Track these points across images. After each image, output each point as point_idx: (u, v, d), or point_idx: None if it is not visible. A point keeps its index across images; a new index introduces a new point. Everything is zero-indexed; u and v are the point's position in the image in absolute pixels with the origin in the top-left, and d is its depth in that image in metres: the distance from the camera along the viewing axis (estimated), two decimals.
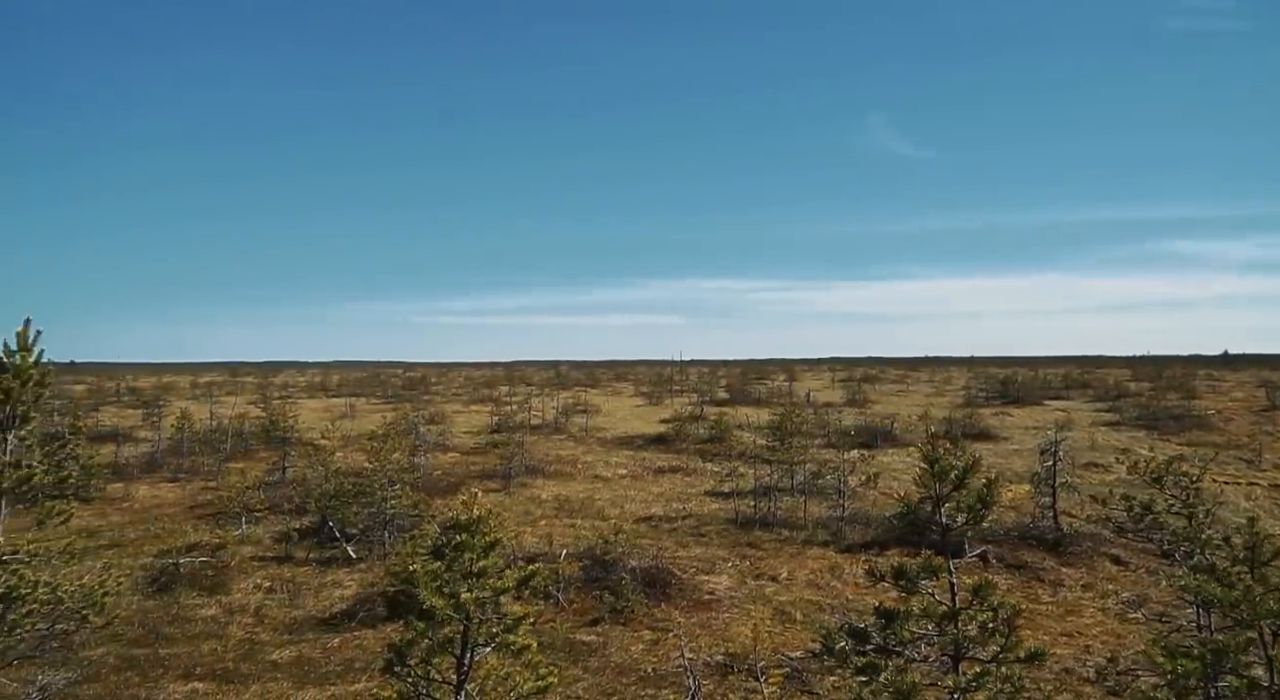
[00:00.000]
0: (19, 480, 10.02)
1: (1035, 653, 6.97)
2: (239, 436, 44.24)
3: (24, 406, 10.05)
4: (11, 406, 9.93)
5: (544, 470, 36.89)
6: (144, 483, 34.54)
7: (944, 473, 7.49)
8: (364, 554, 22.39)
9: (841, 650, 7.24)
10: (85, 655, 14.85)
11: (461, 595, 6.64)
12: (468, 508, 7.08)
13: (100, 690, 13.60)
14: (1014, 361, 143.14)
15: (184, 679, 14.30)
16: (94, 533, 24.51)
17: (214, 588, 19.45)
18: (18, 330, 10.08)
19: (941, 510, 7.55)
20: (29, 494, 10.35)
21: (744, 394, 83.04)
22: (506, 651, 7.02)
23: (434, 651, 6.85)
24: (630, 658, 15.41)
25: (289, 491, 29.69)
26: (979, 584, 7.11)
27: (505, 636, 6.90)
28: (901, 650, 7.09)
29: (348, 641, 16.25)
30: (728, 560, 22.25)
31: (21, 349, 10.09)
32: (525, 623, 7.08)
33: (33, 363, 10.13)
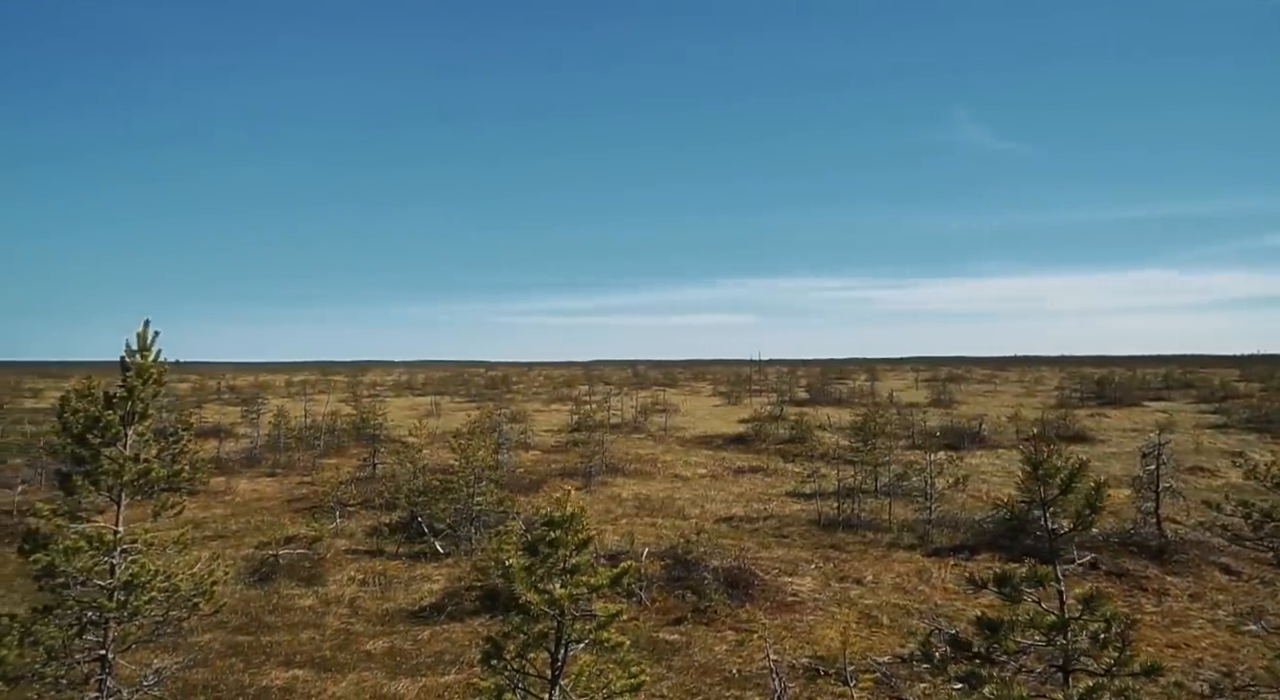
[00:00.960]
0: (138, 474, 10.58)
1: (1152, 666, 6.61)
2: (331, 433, 45.90)
3: (143, 404, 10.62)
4: (132, 403, 10.49)
5: (624, 469, 37.08)
6: (244, 477, 36.14)
7: (1049, 475, 7.18)
8: (451, 549, 22.90)
9: (940, 658, 7.02)
10: (194, 641, 15.60)
11: (556, 591, 6.70)
12: (561, 505, 7.15)
13: (208, 675, 14.27)
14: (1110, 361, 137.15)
15: (285, 666, 14.88)
16: (200, 524, 25.73)
17: (311, 579, 20.19)
18: (138, 331, 10.65)
19: (1047, 515, 7.24)
20: (146, 487, 10.92)
21: (824, 394, 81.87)
22: (600, 648, 7.05)
23: (529, 646, 6.94)
24: (714, 658, 15.33)
25: (379, 487, 30.63)
26: (1090, 593, 6.79)
27: (598, 633, 6.93)
28: (1006, 660, 6.83)
29: (437, 634, 16.63)
30: (811, 562, 21.94)
31: (141, 349, 10.65)
32: (618, 620, 7.10)
33: (151, 362, 10.69)
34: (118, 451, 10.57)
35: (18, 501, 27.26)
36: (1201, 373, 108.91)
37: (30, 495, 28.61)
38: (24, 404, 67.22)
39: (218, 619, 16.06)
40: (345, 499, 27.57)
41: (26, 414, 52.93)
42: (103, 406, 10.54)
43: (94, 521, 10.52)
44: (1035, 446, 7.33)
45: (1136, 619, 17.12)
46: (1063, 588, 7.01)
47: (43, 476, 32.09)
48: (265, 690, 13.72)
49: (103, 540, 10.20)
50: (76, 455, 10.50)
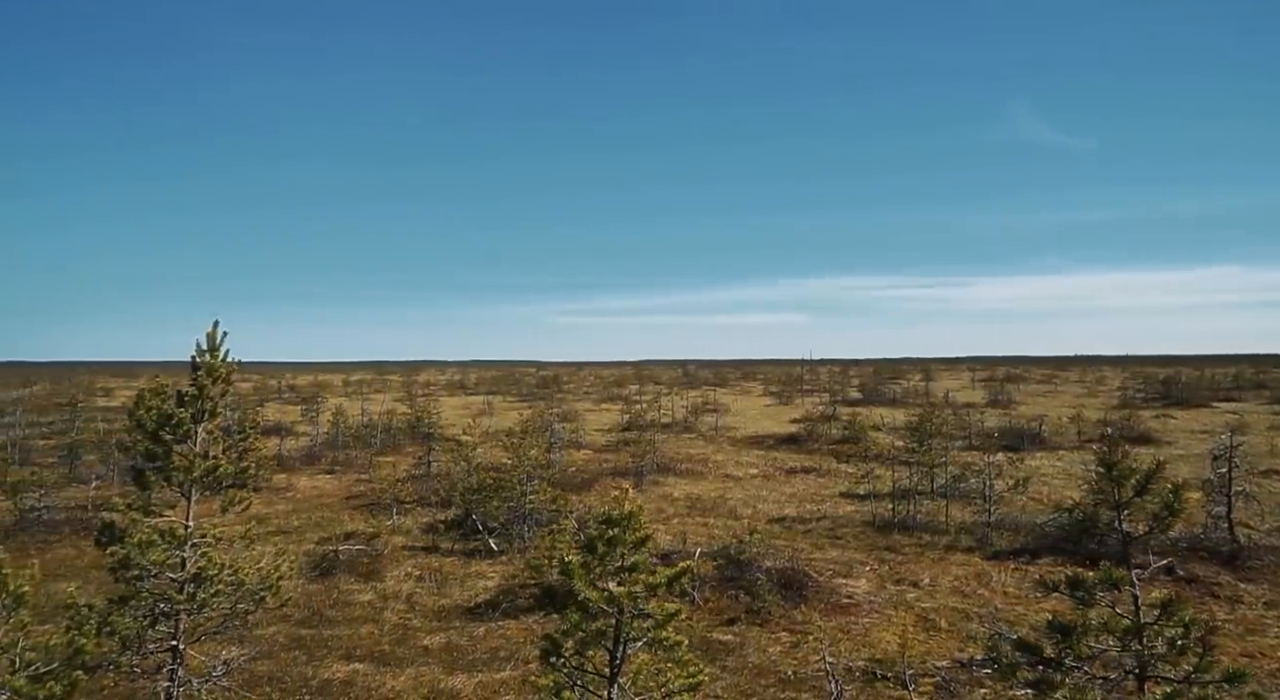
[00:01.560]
0: (207, 470, 10.90)
1: (1235, 674, 6.34)
2: (387, 432, 46.74)
3: (212, 402, 10.94)
4: (202, 402, 10.82)
5: (675, 468, 37.04)
6: (304, 474, 37.00)
7: (1123, 477, 6.94)
8: (504, 547, 23.11)
9: (1010, 662, 6.84)
10: (259, 634, 16.00)
11: (614, 589, 6.70)
12: (618, 503, 7.14)
13: (273, 667, 14.63)
14: (1176, 360, 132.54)
15: (345, 659, 15.18)
16: (263, 520, 26.41)
17: (369, 574, 20.57)
18: (207, 332, 10.98)
19: (1121, 517, 7.00)
20: (214, 483, 11.24)
21: (877, 394, 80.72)
22: (658, 647, 7.03)
23: (587, 643, 6.95)
24: (768, 659, 15.20)
25: (434, 485, 31.09)
26: (1168, 597, 6.54)
27: (656, 632, 6.91)
28: (1079, 666, 6.62)
29: (492, 631, 16.80)
30: (866, 564, 21.64)
31: (211, 349, 10.98)
32: (676, 619, 7.07)
33: (220, 362, 11.00)
34: (188, 448, 10.90)
35: (92, 497, 28.30)
36: (1275, 373, 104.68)
37: (103, 491, 29.69)
38: (97, 402, 69.86)
39: (281, 612, 16.46)
40: (402, 496, 28.04)
41: (99, 412, 54.97)
42: (175, 404, 10.89)
43: (165, 516, 10.86)
44: (1108, 447, 7.09)
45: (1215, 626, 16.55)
46: (1138, 592, 6.77)
47: (115, 472, 33.28)
48: (327, 683, 14.01)
49: (174, 534, 10.52)
50: (150, 451, 10.85)
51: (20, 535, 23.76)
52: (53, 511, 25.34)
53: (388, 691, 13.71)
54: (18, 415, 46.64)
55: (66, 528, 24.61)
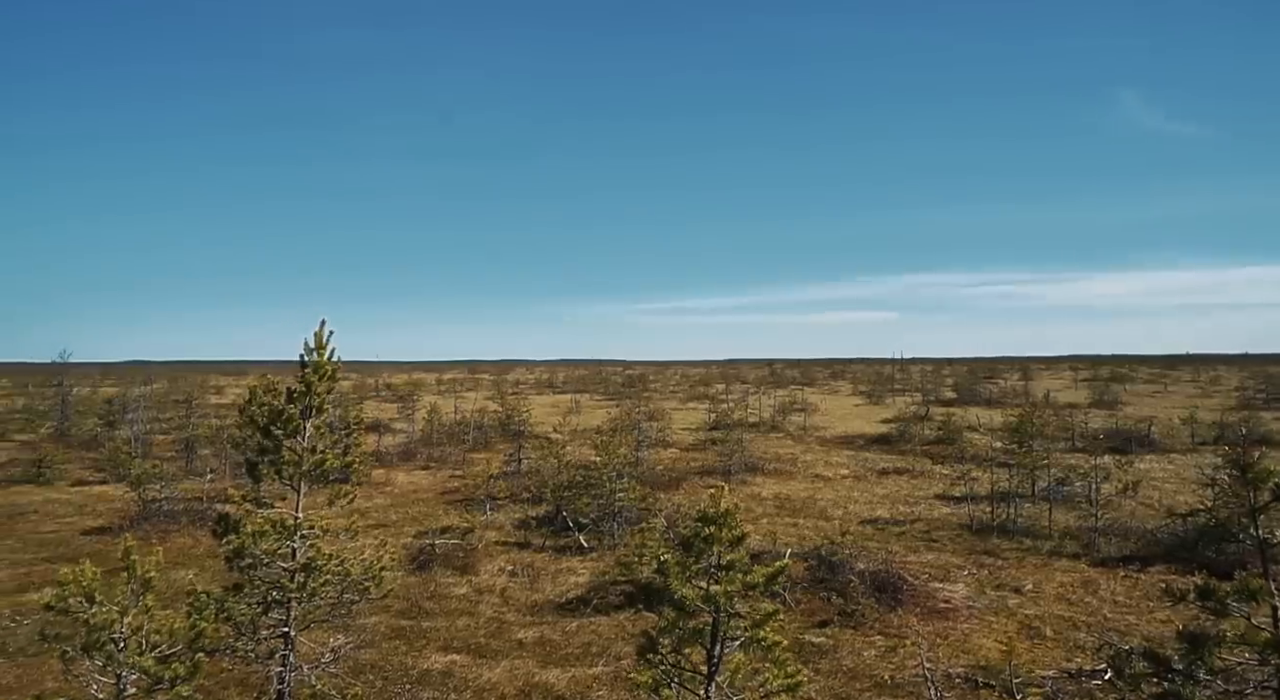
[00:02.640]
0: (315, 464, 11.32)
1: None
2: (479, 429, 47.80)
3: (319, 398, 11.36)
4: (310, 398, 11.25)
5: (763, 468, 36.67)
6: (401, 470, 38.19)
7: (1259, 480, 6.46)
8: (594, 544, 23.32)
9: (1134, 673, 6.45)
10: (361, 623, 16.55)
11: (711, 588, 6.63)
12: (715, 501, 7.07)
13: (375, 656, 15.13)
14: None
15: (443, 650, 15.57)
16: (363, 513, 27.36)
17: (465, 568, 21.06)
18: (315, 331, 11.41)
19: (1257, 523, 6.51)
20: (321, 476, 11.68)
21: (972, 393, 78.09)
22: (756, 647, 6.93)
23: (685, 641, 6.91)
24: (863, 662, 14.87)
25: (525, 482, 31.63)
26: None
27: (755, 632, 6.82)
28: (1211, 679, 6.20)
29: (584, 626, 16.96)
30: (964, 568, 20.95)
31: (318, 347, 11.41)
32: (774, 619, 6.95)
33: (326, 360, 11.43)
34: (297, 443, 11.35)
35: (207, 489, 29.89)
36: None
37: (217, 484, 31.32)
38: (210, 400, 73.76)
39: (383, 603, 16.99)
40: (494, 492, 28.62)
41: (212, 409, 58.01)
42: (284, 401, 11.36)
43: (276, 508, 11.34)
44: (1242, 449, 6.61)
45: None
46: (1277, 603, 6.30)
47: (227, 466, 35.08)
48: (427, 673, 14.40)
49: (285, 525, 10.97)
50: (262, 446, 11.35)
51: (144, 524, 25.26)
52: (172, 503, 26.85)
53: (484, 683, 14.00)
54: (139, 412, 49.70)
55: (184, 518, 26.04)
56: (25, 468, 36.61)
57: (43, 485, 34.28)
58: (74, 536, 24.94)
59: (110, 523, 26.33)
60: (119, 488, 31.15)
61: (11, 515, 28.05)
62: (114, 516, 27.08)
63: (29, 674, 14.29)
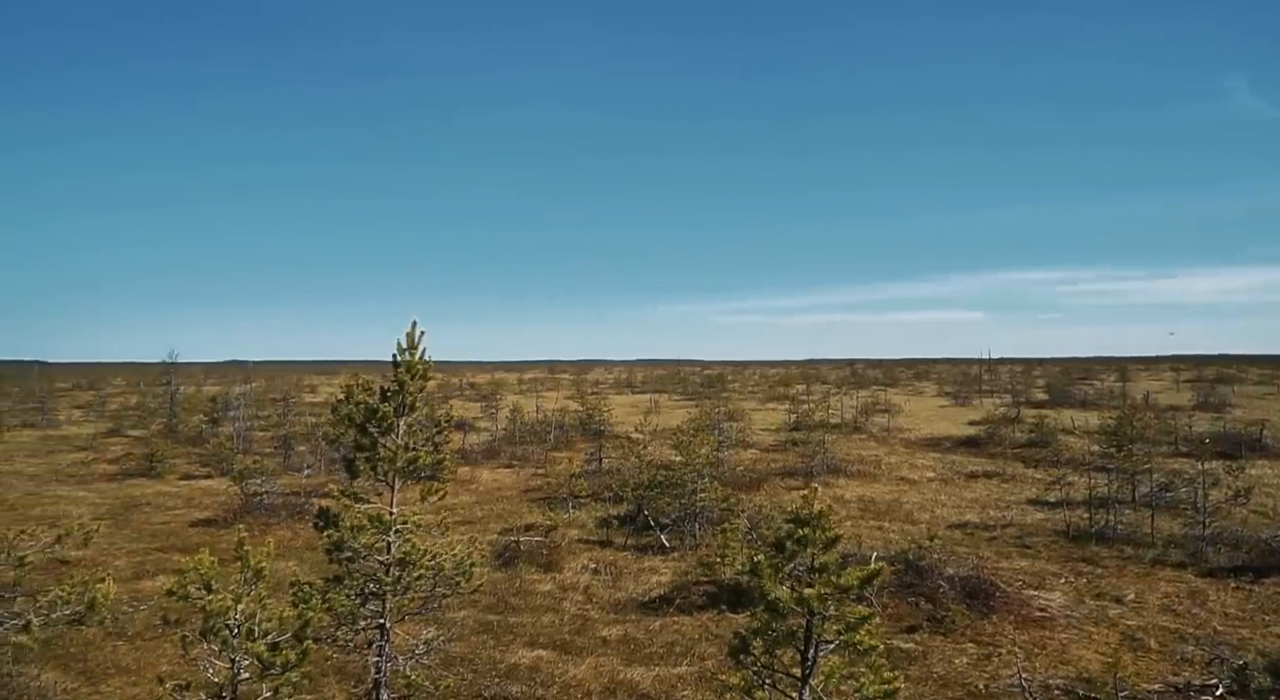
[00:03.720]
0: (408, 461, 11.69)
1: None
2: (560, 428, 48.44)
3: (412, 397, 11.73)
4: (403, 397, 11.62)
5: (846, 470, 36.09)
6: (485, 467, 39.02)
7: None
8: (676, 543, 23.37)
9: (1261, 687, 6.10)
10: (450, 617, 16.99)
11: (805, 590, 6.58)
12: (808, 503, 7.00)
13: (464, 649, 15.51)
14: None
15: (529, 646, 15.86)
16: (449, 510, 27.91)
17: (548, 565, 21.39)
18: (406, 331, 11.79)
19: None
20: (414, 473, 12.05)
21: (1065, 395, 75.12)
22: (851, 651, 6.84)
23: (777, 643, 6.86)
24: (954, 670, 14.50)
25: (606, 480, 31.91)
26: None
27: (850, 635, 6.73)
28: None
29: (667, 626, 17.02)
30: (1059, 576, 20.21)
31: (410, 347, 11.78)
32: (869, 623, 6.85)
33: (418, 359, 11.79)
34: (391, 440, 11.74)
35: (304, 484, 31.15)
36: None
37: (313, 479, 32.60)
38: (304, 398, 76.86)
39: (470, 598, 17.37)
40: (576, 491, 28.97)
41: (307, 407, 60.46)
42: (379, 399, 11.76)
43: (372, 503, 11.75)
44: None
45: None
46: None
47: (322, 462, 36.47)
48: (514, 667, 14.69)
49: (380, 520, 11.36)
50: (358, 443, 11.78)
51: (246, 517, 26.49)
52: (272, 497, 28.09)
53: (569, 679, 14.20)
54: (240, 409, 52.16)
55: (284, 512, 27.20)
56: (139, 462, 38.87)
57: (154, 479, 36.33)
58: (183, 528, 26.34)
59: (216, 515, 27.70)
60: (223, 482, 32.78)
61: (127, 507, 29.81)
62: (219, 509, 28.47)
63: (145, 656, 15.17)
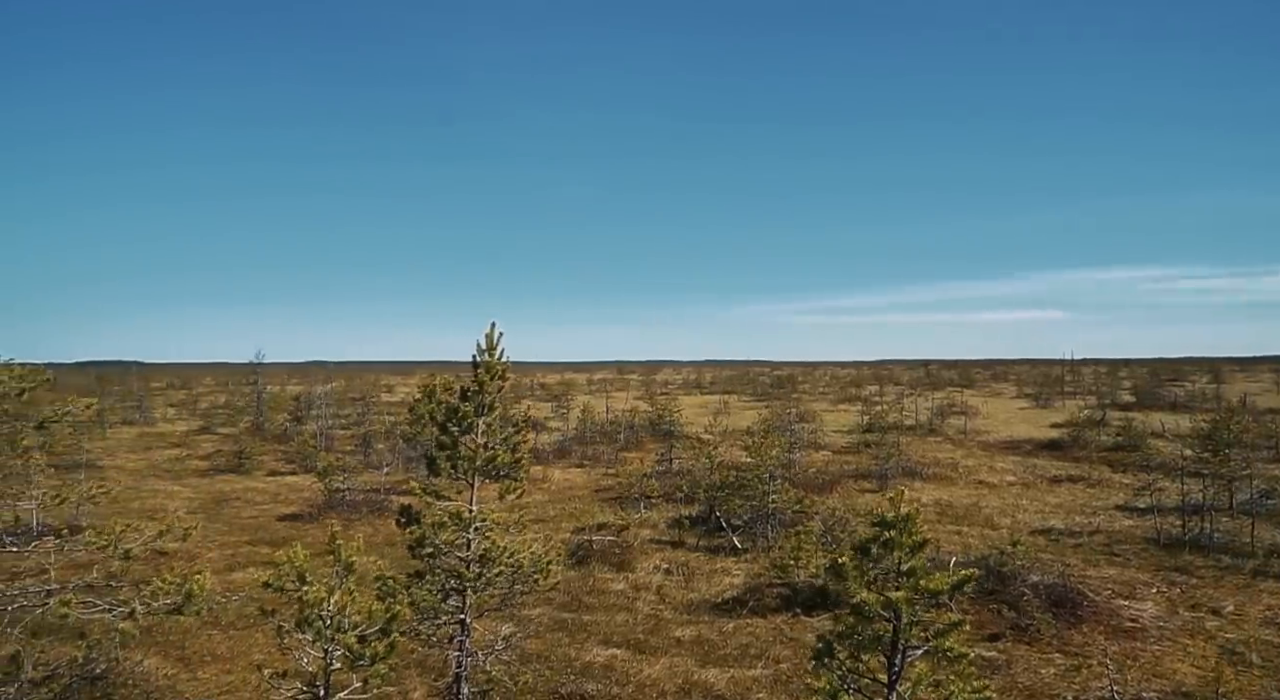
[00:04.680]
0: (487, 459, 11.93)
1: None
2: (630, 429, 48.65)
3: (490, 397, 11.96)
4: (482, 397, 11.86)
5: (921, 472, 35.34)
6: (557, 467, 39.46)
7: None
8: (748, 545, 23.24)
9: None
10: (525, 614, 17.26)
11: (892, 594, 6.47)
12: (894, 505, 6.89)
13: (540, 645, 15.72)
14: None
15: (604, 644, 15.99)
16: (523, 508, 28.49)
17: (621, 565, 21.51)
18: (485, 332, 12.01)
19: None
20: (492, 471, 12.28)
21: (1154, 397, 72.03)
22: (940, 658, 6.69)
23: (863, 648, 6.77)
24: (1040, 681, 14.06)
25: (676, 481, 31.91)
26: None
27: (939, 642, 6.58)
28: None
29: (740, 627, 16.94)
30: (1151, 585, 19.39)
31: (489, 348, 12.01)
32: (960, 629, 6.69)
33: (496, 360, 12.01)
34: (471, 439, 11.98)
35: (383, 481, 32.04)
36: None
37: (392, 476, 33.51)
38: (382, 398, 78.96)
39: (545, 596, 17.65)
40: (647, 491, 29.06)
41: (385, 407, 62.13)
42: (459, 399, 12.02)
43: (452, 500, 12.01)
44: None
45: None
46: None
47: (399, 460, 37.44)
48: (589, 665, 14.83)
49: (461, 517, 11.60)
50: (439, 441, 12.05)
51: (329, 513, 27.40)
52: (353, 493, 28.97)
53: (644, 678, 14.26)
54: (322, 408, 53.93)
55: (365, 508, 28.04)
56: (228, 458, 40.56)
57: (242, 475, 37.85)
58: (271, 522, 27.37)
59: (301, 511, 28.70)
60: (307, 478, 33.96)
61: (218, 501, 31.13)
62: (304, 505, 29.50)
63: (239, 645, 15.83)
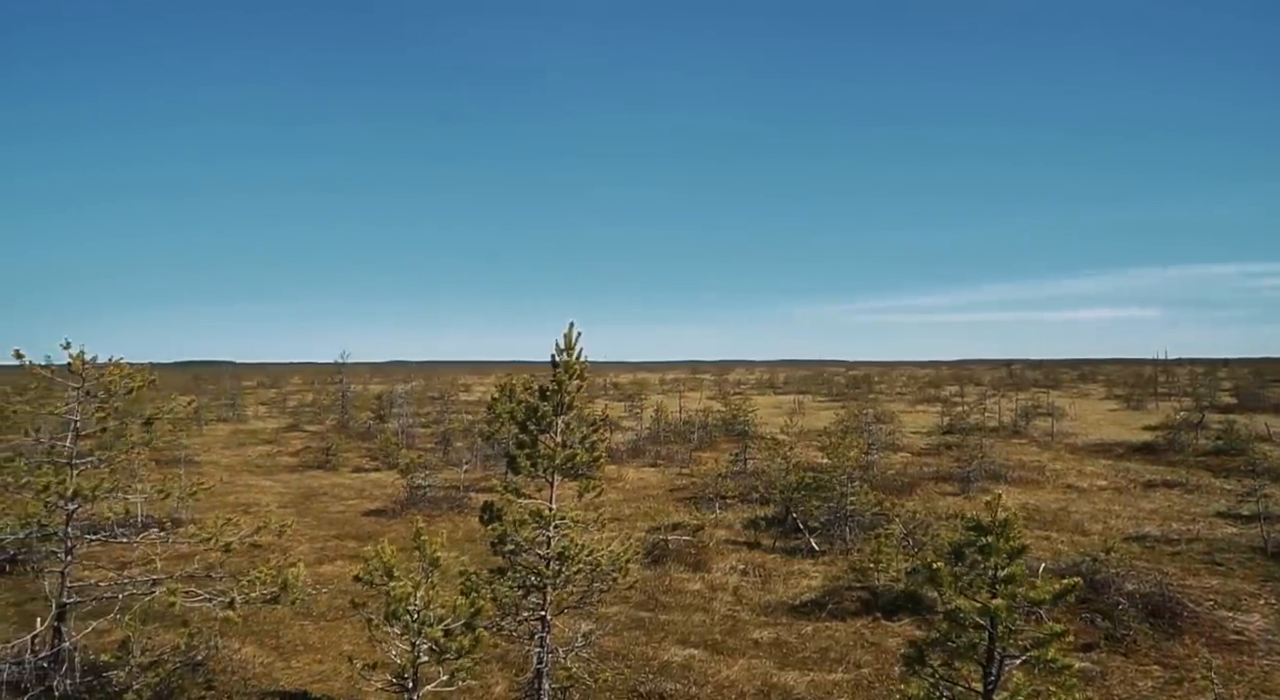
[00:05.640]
0: (566, 458, 12.04)
1: None
2: (703, 429, 48.50)
3: (569, 396, 12.07)
4: (561, 396, 11.98)
5: (1006, 476, 34.22)
6: (631, 466, 39.58)
7: None
8: (825, 547, 22.90)
9: None
10: (602, 612, 17.36)
11: (990, 601, 6.25)
12: (991, 510, 6.67)
13: (617, 643, 15.80)
14: None
15: (681, 644, 15.97)
16: (599, 507, 28.69)
17: (696, 565, 21.46)
18: (564, 333, 12.13)
19: None
20: (571, 470, 12.40)
21: (1257, 398, 68.24)
22: (1040, 668, 6.44)
23: (957, 655, 6.57)
24: (1137, 693, 13.47)
25: (751, 481, 31.67)
26: None
27: (1040, 652, 6.34)
28: None
29: (819, 631, 16.70)
30: (1258, 596, 18.39)
31: (567, 348, 12.13)
32: (1063, 639, 6.42)
33: (575, 360, 12.12)
34: (550, 438, 12.12)
35: (462, 478, 32.70)
36: None
37: (470, 473, 34.16)
38: (460, 397, 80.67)
39: (622, 594, 17.72)
40: (722, 491, 28.92)
41: (463, 406, 63.44)
42: (539, 398, 12.17)
43: (532, 498, 12.17)
44: None
45: None
46: None
47: (477, 458, 38.14)
48: (667, 664, 14.83)
49: (541, 515, 11.75)
50: (519, 440, 12.24)
51: (411, 509, 28.08)
52: (433, 490, 29.63)
53: (723, 679, 14.19)
54: (403, 407, 55.37)
55: (445, 504, 28.65)
56: (316, 455, 42.01)
57: (329, 471, 39.14)
58: (356, 517, 28.22)
59: (385, 506, 29.51)
60: (390, 475, 34.90)
61: (307, 496, 32.26)
62: (387, 501, 30.32)
63: (329, 636, 16.37)
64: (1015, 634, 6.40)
